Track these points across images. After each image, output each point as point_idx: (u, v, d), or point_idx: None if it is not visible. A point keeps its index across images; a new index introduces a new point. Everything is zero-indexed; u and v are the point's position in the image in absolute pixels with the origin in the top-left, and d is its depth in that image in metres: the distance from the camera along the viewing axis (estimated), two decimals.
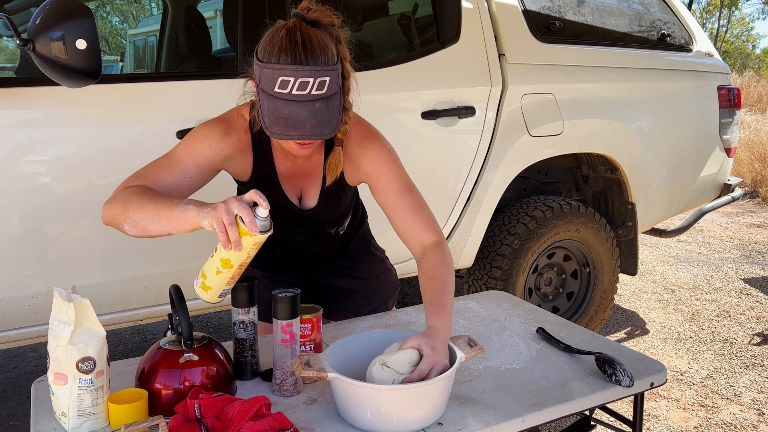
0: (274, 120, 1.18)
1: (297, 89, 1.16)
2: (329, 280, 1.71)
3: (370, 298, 1.73)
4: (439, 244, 1.38)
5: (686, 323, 3.49)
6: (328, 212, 1.52)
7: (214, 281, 1.19)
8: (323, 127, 1.19)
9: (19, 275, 1.92)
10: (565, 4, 2.99)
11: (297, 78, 1.15)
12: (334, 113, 1.20)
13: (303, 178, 1.47)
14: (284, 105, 1.17)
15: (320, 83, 1.17)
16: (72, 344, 1.05)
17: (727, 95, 3.38)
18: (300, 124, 1.17)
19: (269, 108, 1.18)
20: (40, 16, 1.49)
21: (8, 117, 1.86)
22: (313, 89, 1.16)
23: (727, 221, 6.03)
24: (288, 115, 1.17)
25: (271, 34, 1.20)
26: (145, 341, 3.28)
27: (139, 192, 1.24)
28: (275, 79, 1.16)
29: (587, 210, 2.93)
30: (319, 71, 1.16)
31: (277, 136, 1.19)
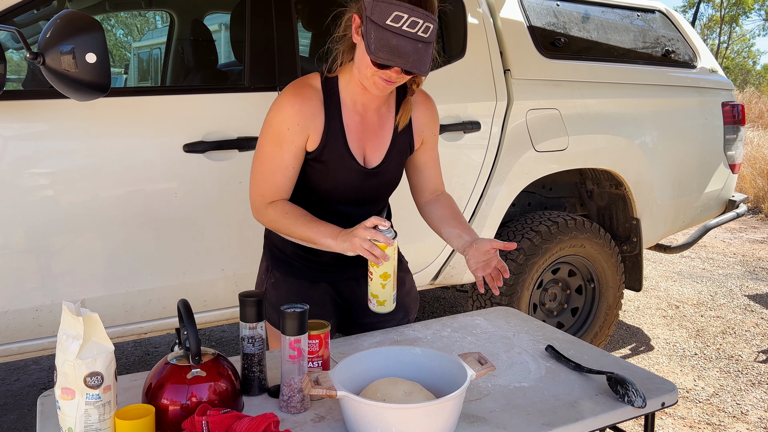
0: (380, 47, 1.30)
1: (407, 26, 1.29)
2: (359, 287, 1.66)
3: (396, 311, 1.67)
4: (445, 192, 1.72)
5: (691, 340, 3.47)
6: (390, 173, 1.58)
7: (385, 294, 1.41)
8: (421, 65, 1.33)
9: (24, 288, 1.91)
10: (570, 20, 3.01)
11: (410, 16, 1.29)
12: (429, 57, 1.34)
13: (370, 136, 1.54)
14: (392, 36, 1.30)
15: (426, 27, 1.31)
16: (80, 359, 1.04)
17: (731, 111, 3.39)
18: (404, 55, 1.30)
19: (377, 37, 1.30)
20: (51, 30, 1.49)
21: (14, 130, 1.86)
22: (419, 30, 1.31)
23: (731, 237, 6.02)
24: (396, 46, 1.30)
25: None
26: (147, 354, 3.27)
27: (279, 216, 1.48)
28: (390, 12, 1.29)
29: (592, 225, 2.92)
30: (428, 17, 1.31)
31: (382, 60, 1.31)
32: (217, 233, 2.14)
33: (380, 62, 1.32)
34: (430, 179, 1.67)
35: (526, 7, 2.85)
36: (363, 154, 1.53)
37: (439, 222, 1.63)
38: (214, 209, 2.13)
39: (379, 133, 1.54)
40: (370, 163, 1.54)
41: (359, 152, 1.52)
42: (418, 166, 1.65)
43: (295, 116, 1.44)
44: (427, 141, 1.63)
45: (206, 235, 2.13)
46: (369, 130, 1.53)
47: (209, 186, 2.11)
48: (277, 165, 1.47)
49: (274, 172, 1.48)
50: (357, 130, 1.51)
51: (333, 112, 1.48)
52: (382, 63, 1.32)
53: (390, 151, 1.55)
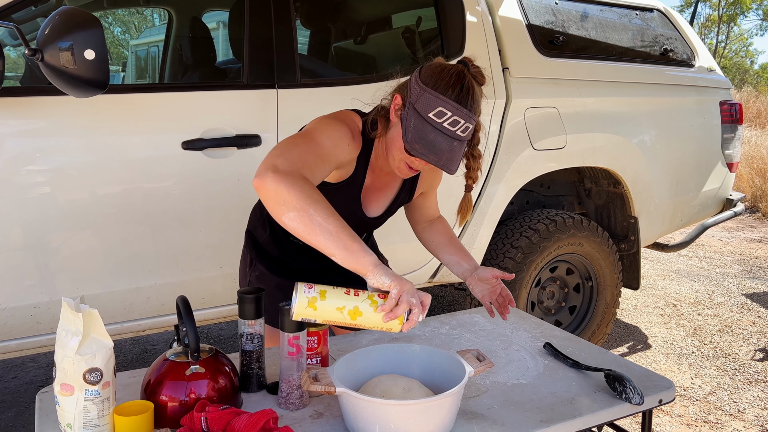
0: (417, 138, 1.29)
1: (449, 124, 1.28)
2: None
3: None
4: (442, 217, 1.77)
5: (688, 338, 3.47)
6: (384, 220, 1.65)
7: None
8: (452, 163, 1.32)
9: (22, 285, 1.91)
10: (569, 18, 3.01)
11: (454, 115, 1.28)
12: (461, 156, 1.34)
13: (377, 191, 1.58)
14: (432, 131, 1.29)
15: (466, 127, 1.30)
16: (79, 355, 1.04)
17: (729, 110, 3.40)
18: (439, 152, 1.29)
19: (416, 128, 1.29)
20: (49, 27, 1.49)
21: (12, 126, 1.86)
22: (459, 130, 1.30)
23: (728, 236, 6.04)
24: (432, 141, 1.29)
25: (442, 67, 1.32)
26: (145, 352, 3.26)
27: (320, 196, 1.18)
28: (434, 106, 1.28)
29: (590, 224, 2.93)
30: (470, 117, 1.30)
31: (416, 152, 1.29)
32: (215, 230, 2.14)
33: (413, 154, 1.30)
34: (426, 211, 1.74)
35: (524, 5, 2.85)
36: (367, 204, 1.58)
37: (437, 248, 1.70)
38: (213, 206, 2.13)
39: (386, 189, 1.59)
40: (370, 213, 1.59)
41: (365, 202, 1.58)
42: (416, 205, 1.73)
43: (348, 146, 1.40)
44: (428, 191, 1.70)
45: (205, 232, 2.13)
46: (378, 187, 1.58)
47: (208, 183, 2.11)
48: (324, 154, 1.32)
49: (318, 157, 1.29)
50: (371, 185, 1.56)
51: (363, 163, 1.49)
52: (415, 155, 1.30)
53: (391, 205, 1.62)
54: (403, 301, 1.13)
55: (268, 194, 1.16)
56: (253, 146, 2.14)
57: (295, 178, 1.17)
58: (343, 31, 3.06)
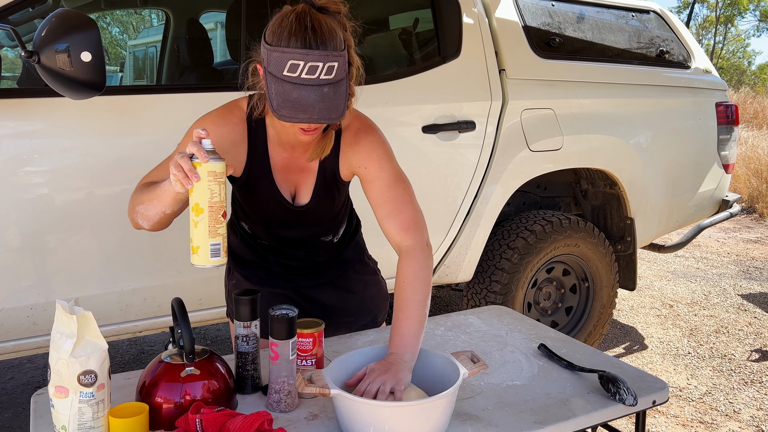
0: (282, 103, 1.18)
1: (306, 73, 1.16)
2: (321, 293, 1.65)
3: (360, 314, 1.69)
4: (413, 248, 1.36)
5: (684, 339, 3.48)
6: (320, 210, 1.50)
7: (198, 237, 1.14)
8: (331, 112, 1.19)
9: (18, 286, 1.91)
10: (565, 20, 3.02)
11: (307, 62, 1.16)
12: (341, 98, 1.21)
13: (297, 172, 1.45)
14: (293, 88, 1.17)
15: (329, 68, 1.18)
16: (74, 357, 1.05)
17: (724, 112, 3.41)
18: (309, 107, 1.18)
19: (277, 91, 1.18)
20: (46, 28, 1.49)
21: (9, 128, 1.86)
22: (321, 74, 1.17)
23: (725, 237, 6.05)
24: (297, 99, 1.17)
25: (280, 18, 1.21)
26: (142, 353, 3.27)
27: (139, 189, 1.34)
28: (284, 62, 1.16)
29: (586, 225, 2.93)
30: (328, 56, 1.17)
31: (286, 119, 1.19)
32: None
33: (285, 120, 1.19)
34: (387, 227, 1.41)
35: (521, 7, 2.86)
36: (292, 190, 1.47)
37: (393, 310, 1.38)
38: None
39: (305, 168, 1.45)
40: (300, 200, 1.47)
41: (288, 189, 1.46)
42: (371, 203, 1.45)
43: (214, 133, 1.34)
44: (365, 176, 1.42)
45: None
46: (296, 166, 1.45)
47: None
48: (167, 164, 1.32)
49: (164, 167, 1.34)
50: (284, 166, 1.44)
51: (258, 145, 1.41)
52: (288, 121, 1.19)
53: (317, 188, 1.46)
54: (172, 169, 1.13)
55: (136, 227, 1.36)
56: None
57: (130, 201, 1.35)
58: None
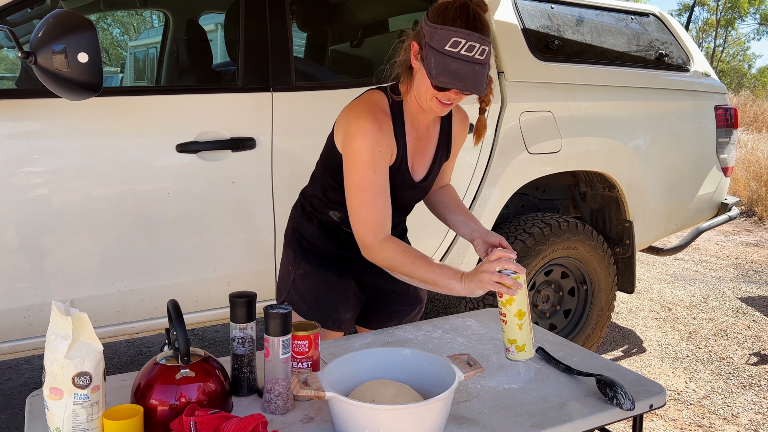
0: (441, 72, 1.37)
1: (465, 50, 1.36)
2: (379, 279, 1.76)
3: (412, 303, 1.83)
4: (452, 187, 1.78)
5: (683, 342, 3.48)
6: (430, 183, 1.67)
7: (524, 337, 1.31)
8: (478, 85, 1.39)
9: (15, 287, 1.90)
10: (564, 23, 3.02)
11: (468, 41, 1.36)
12: (485, 78, 1.41)
13: (420, 151, 1.62)
14: (452, 61, 1.37)
15: (482, 50, 1.38)
16: (68, 359, 1.04)
17: (724, 115, 3.40)
18: (464, 78, 1.37)
19: (437, 62, 1.37)
20: (43, 29, 1.49)
21: (8, 128, 1.86)
22: (477, 53, 1.37)
23: (724, 240, 6.05)
24: (455, 70, 1.37)
25: (445, 4, 1.40)
26: (140, 354, 3.26)
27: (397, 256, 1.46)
28: (448, 38, 1.36)
29: (585, 227, 2.93)
30: (484, 40, 1.38)
31: (443, 83, 1.37)
32: (209, 233, 2.14)
33: (441, 86, 1.39)
34: (443, 175, 1.77)
35: (520, 10, 2.86)
36: (413, 167, 1.62)
37: (445, 209, 1.72)
38: (207, 209, 2.13)
39: (427, 147, 1.63)
40: (417, 176, 1.63)
41: (411, 166, 1.61)
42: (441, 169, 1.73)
43: (382, 138, 1.48)
44: (454, 152, 1.72)
45: (199, 235, 2.13)
46: (420, 147, 1.62)
47: (202, 186, 2.11)
48: (377, 190, 1.49)
49: (375, 198, 1.49)
50: (413, 147, 1.60)
51: (400, 134, 1.55)
52: (443, 86, 1.39)
53: (433, 163, 1.65)
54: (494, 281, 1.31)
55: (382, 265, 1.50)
56: (248, 149, 2.15)
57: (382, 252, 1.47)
58: (339, 35, 3.06)
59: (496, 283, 1.30)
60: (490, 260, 1.33)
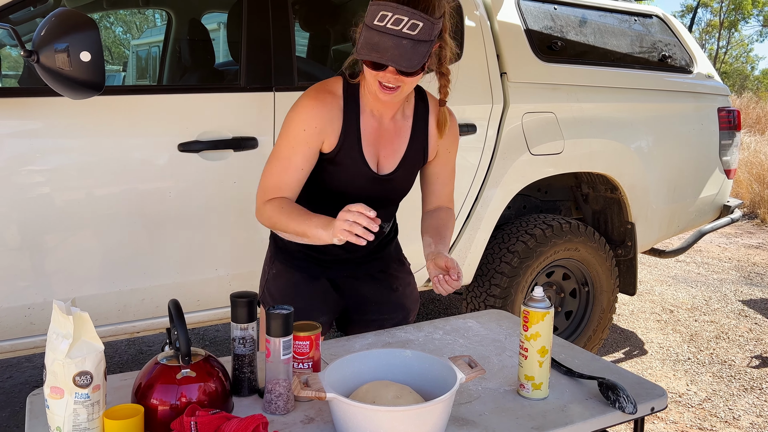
0: (363, 44, 1.31)
1: (391, 24, 1.29)
2: (361, 285, 1.70)
3: (395, 311, 1.74)
4: (452, 210, 1.69)
5: (684, 344, 3.47)
6: (401, 181, 1.58)
7: (542, 375, 1.28)
8: (402, 59, 1.30)
9: (16, 285, 1.91)
10: (567, 24, 3.01)
11: (394, 14, 1.29)
12: (416, 55, 1.31)
13: (385, 143, 1.54)
14: (376, 34, 1.30)
15: (413, 25, 1.29)
16: (69, 358, 1.04)
17: (727, 117, 3.40)
18: (383, 50, 1.30)
19: (364, 36, 1.32)
20: (45, 28, 1.49)
21: (9, 127, 1.86)
22: (404, 27, 1.29)
23: (726, 242, 6.04)
24: (376, 42, 1.30)
25: None
26: (140, 353, 3.26)
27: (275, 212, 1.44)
28: (377, 13, 1.30)
29: (587, 229, 2.93)
30: (415, 14, 1.29)
31: (361, 56, 1.32)
32: (211, 233, 2.14)
33: (360, 58, 1.33)
34: (436, 193, 1.67)
35: (523, 11, 2.85)
36: (377, 160, 1.54)
37: (423, 231, 1.63)
38: (209, 209, 2.13)
39: (394, 140, 1.55)
40: (383, 170, 1.55)
41: (373, 158, 1.54)
42: (428, 177, 1.66)
43: (313, 119, 1.45)
44: (440, 155, 1.63)
45: (200, 234, 2.13)
46: (384, 137, 1.54)
47: (204, 185, 2.11)
48: (287, 165, 1.47)
49: (281, 172, 1.48)
50: (373, 136, 1.52)
51: (351, 117, 1.50)
52: (362, 59, 1.33)
53: (404, 160, 1.56)
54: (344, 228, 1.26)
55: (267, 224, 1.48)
56: (250, 149, 2.14)
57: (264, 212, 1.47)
58: (342, 34, 3.06)
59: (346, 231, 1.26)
60: (348, 209, 1.29)
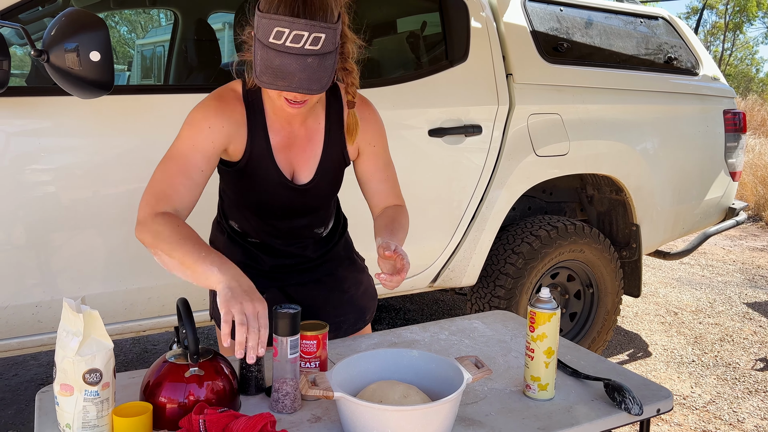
0: (264, 69, 1.18)
1: (291, 41, 1.16)
2: (308, 291, 1.60)
3: (350, 312, 1.64)
4: (404, 207, 1.55)
5: (689, 347, 3.47)
6: (322, 188, 1.47)
7: (547, 376, 1.28)
8: (311, 82, 1.18)
9: (24, 284, 1.92)
10: (573, 25, 3.01)
11: (292, 30, 1.15)
12: (325, 72, 1.20)
13: (298, 151, 1.43)
14: (276, 56, 1.17)
15: (315, 39, 1.17)
16: (79, 355, 1.05)
17: (732, 119, 3.40)
18: (289, 75, 1.17)
19: (262, 57, 1.18)
20: (55, 28, 1.50)
21: (17, 126, 1.87)
22: (306, 43, 1.16)
23: (730, 244, 6.03)
24: (278, 66, 1.17)
25: None
26: (145, 351, 3.27)
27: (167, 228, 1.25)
28: (271, 29, 1.16)
29: (591, 231, 2.93)
30: (315, 26, 1.16)
31: (266, 85, 1.19)
32: None
33: (265, 87, 1.20)
34: (378, 194, 1.53)
35: (529, 12, 2.86)
36: (292, 169, 1.44)
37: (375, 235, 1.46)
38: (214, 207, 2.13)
39: (307, 147, 1.43)
40: (299, 179, 1.44)
41: (288, 167, 1.43)
42: (361, 178, 1.54)
43: (219, 119, 1.34)
44: (364, 151, 1.49)
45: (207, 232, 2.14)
46: (297, 145, 1.43)
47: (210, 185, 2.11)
48: (183, 164, 1.31)
49: (178, 173, 1.31)
50: (284, 144, 1.41)
51: (257, 124, 1.38)
52: (267, 87, 1.20)
53: (321, 166, 1.45)
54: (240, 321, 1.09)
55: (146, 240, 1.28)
56: None
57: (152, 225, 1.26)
58: None
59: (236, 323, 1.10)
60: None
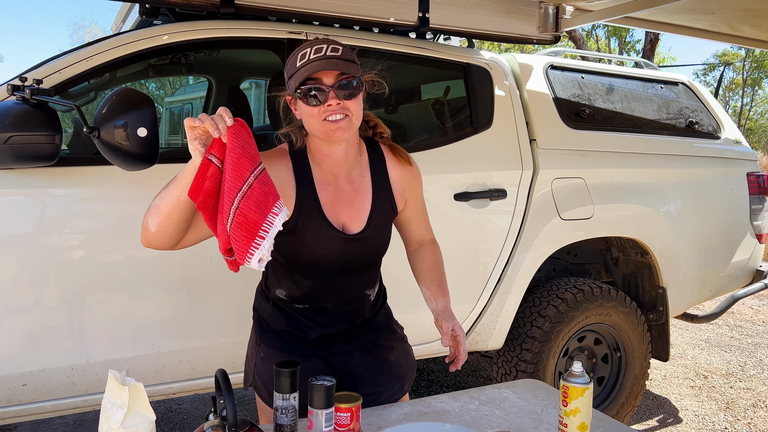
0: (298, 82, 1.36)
1: (314, 54, 1.35)
2: (351, 360, 1.62)
3: (390, 382, 1.67)
4: (435, 241, 1.74)
5: (720, 413, 3.38)
6: (373, 240, 1.54)
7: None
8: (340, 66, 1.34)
9: (60, 347, 1.96)
10: (595, 91, 3.09)
11: (313, 46, 1.36)
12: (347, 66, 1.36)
13: (345, 204, 1.50)
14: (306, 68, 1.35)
15: (333, 48, 1.35)
16: (123, 428, 1.08)
17: (756, 181, 3.41)
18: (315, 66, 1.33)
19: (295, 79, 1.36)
20: (106, 106, 1.59)
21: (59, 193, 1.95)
22: (327, 51, 1.35)
23: (759, 304, 5.91)
24: (308, 68, 1.34)
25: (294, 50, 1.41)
26: (170, 411, 3.27)
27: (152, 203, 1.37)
28: (296, 56, 1.37)
29: (618, 293, 2.92)
30: (331, 41, 1.36)
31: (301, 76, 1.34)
32: (249, 296, 2.19)
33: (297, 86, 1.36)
34: (416, 231, 1.71)
35: (551, 79, 2.94)
36: (341, 223, 1.50)
37: (417, 277, 1.71)
38: (247, 272, 2.18)
39: (354, 200, 1.51)
40: (350, 231, 1.51)
41: (337, 221, 1.49)
42: (404, 222, 1.68)
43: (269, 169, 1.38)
44: (410, 199, 1.63)
45: (239, 297, 2.18)
46: (343, 199, 1.50)
47: None
48: None
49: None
50: (331, 198, 1.49)
51: (305, 182, 1.47)
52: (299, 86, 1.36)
53: (372, 216, 1.53)
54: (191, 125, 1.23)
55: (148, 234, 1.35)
56: None
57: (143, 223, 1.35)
58: (374, 100, 3.17)
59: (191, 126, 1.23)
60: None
